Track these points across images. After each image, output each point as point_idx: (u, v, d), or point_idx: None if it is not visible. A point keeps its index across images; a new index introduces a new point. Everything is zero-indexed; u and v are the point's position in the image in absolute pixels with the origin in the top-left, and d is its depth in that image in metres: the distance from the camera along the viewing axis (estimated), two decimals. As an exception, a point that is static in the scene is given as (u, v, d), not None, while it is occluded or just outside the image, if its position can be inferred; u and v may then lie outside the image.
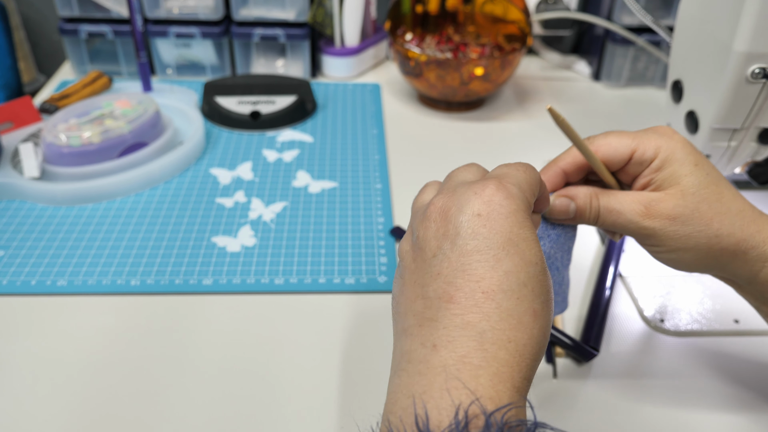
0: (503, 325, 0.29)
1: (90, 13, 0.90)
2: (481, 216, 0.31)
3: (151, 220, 0.64)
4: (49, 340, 0.51)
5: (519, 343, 0.29)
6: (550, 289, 0.31)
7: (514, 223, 0.31)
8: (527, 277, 0.30)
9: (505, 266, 0.30)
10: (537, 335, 0.30)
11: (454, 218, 0.31)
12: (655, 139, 0.38)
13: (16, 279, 0.56)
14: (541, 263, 0.31)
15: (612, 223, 0.39)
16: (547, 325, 0.30)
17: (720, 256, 0.38)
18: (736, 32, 0.47)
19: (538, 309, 0.30)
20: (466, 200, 0.31)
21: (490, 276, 0.30)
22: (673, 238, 0.37)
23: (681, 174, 0.37)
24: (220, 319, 0.53)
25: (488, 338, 0.28)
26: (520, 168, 0.34)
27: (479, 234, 0.30)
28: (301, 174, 0.72)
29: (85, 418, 0.45)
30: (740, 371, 0.49)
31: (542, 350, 0.30)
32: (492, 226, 0.30)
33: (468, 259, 0.30)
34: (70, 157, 0.67)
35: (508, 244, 0.30)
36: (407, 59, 0.83)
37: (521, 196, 0.32)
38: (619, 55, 0.92)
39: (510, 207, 0.31)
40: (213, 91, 0.83)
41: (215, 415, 0.45)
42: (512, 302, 0.29)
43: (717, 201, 0.37)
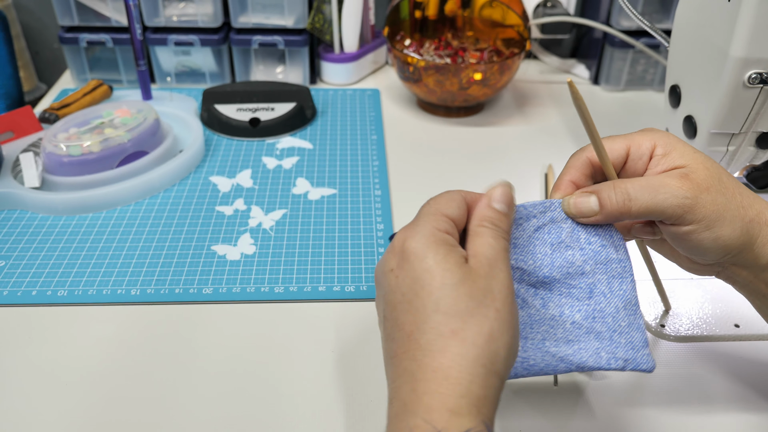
0: (427, 359, 0.31)
1: (90, 22, 0.90)
2: (393, 270, 0.35)
3: (151, 228, 0.64)
4: (50, 351, 0.51)
5: (443, 368, 0.31)
6: (472, 297, 0.32)
7: (416, 261, 0.33)
8: (436, 304, 0.32)
9: (416, 304, 0.33)
10: (461, 352, 0.31)
11: (380, 281, 0.36)
12: (646, 134, 0.40)
13: (17, 289, 0.56)
14: (450, 282, 0.32)
15: (648, 202, 0.37)
16: (477, 334, 0.32)
17: (751, 230, 0.38)
18: (733, 37, 0.47)
19: (456, 327, 0.32)
20: (384, 261, 0.36)
21: (408, 319, 0.33)
22: (711, 209, 0.37)
23: (690, 152, 0.38)
24: (220, 328, 0.53)
25: (417, 377, 0.31)
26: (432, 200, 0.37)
27: (396, 286, 0.34)
28: (300, 181, 0.72)
29: (86, 427, 0.45)
30: (741, 376, 0.49)
31: (485, 357, 0.31)
32: (401, 274, 0.34)
33: (395, 312, 0.34)
34: (70, 166, 0.67)
35: (415, 284, 0.33)
36: (406, 65, 0.83)
37: (422, 231, 0.34)
38: (618, 59, 0.92)
39: (411, 248, 0.34)
40: (212, 98, 0.83)
41: (216, 425, 0.45)
42: (428, 334, 0.32)
43: (730, 176, 0.38)
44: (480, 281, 0.33)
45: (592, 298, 0.38)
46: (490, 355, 0.32)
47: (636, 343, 0.38)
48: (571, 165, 0.41)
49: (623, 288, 0.39)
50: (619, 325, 0.38)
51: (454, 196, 0.37)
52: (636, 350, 0.38)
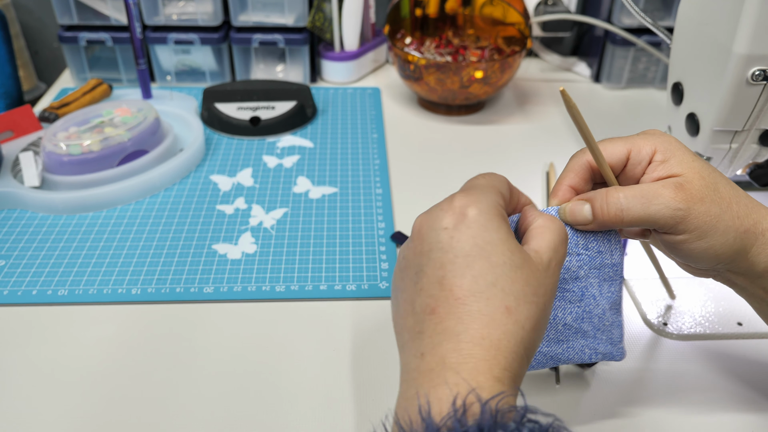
0: (476, 325, 0.32)
1: (89, 21, 0.90)
2: (448, 229, 0.34)
3: (152, 228, 0.64)
4: (50, 350, 0.51)
5: (492, 338, 0.31)
6: (528, 284, 0.33)
7: (479, 229, 0.33)
8: (495, 277, 0.32)
9: (473, 271, 0.32)
10: (512, 329, 0.32)
11: (426, 236, 0.34)
12: (647, 138, 0.39)
13: (17, 289, 0.56)
14: (511, 262, 0.33)
15: (640, 212, 0.37)
16: (527, 319, 0.32)
17: (745, 239, 0.38)
18: (736, 34, 0.47)
19: (511, 305, 0.32)
20: (435, 217, 0.35)
21: (460, 283, 0.32)
22: (704, 220, 0.37)
23: (688, 160, 0.38)
24: (221, 328, 0.53)
25: (463, 339, 0.31)
26: (484, 176, 0.37)
27: (448, 246, 0.33)
28: (301, 180, 0.72)
29: (86, 427, 0.44)
30: (744, 374, 0.49)
31: (527, 341, 0.32)
32: (459, 236, 0.33)
33: (442, 272, 0.33)
34: (70, 165, 0.67)
35: (474, 250, 0.33)
36: (407, 63, 0.83)
37: (486, 201, 0.34)
38: (619, 57, 0.92)
39: (474, 215, 0.34)
40: (212, 97, 0.83)
41: (217, 424, 0.45)
42: (482, 303, 0.32)
43: (728, 184, 0.38)
44: (537, 272, 0.34)
45: (582, 301, 0.40)
46: (531, 341, 0.33)
47: (615, 339, 0.41)
48: (570, 168, 0.41)
49: (612, 290, 0.40)
50: (603, 324, 0.40)
51: (503, 179, 0.38)
52: (614, 345, 0.41)
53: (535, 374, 0.49)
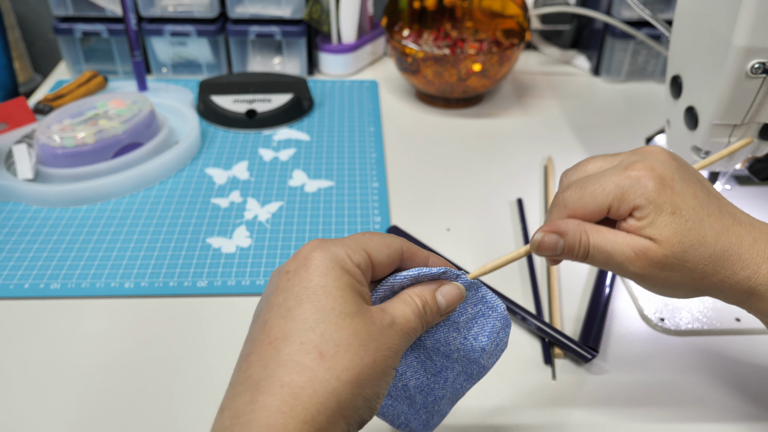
0: (280, 371, 0.29)
1: (85, 12, 0.89)
2: (289, 273, 0.32)
3: (146, 221, 0.63)
4: (42, 344, 0.50)
5: (294, 386, 0.28)
6: (356, 334, 0.30)
7: (316, 274, 0.31)
8: (316, 322, 0.30)
9: (295, 313, 0.30)
10: (322, 377, 0.28)
11: (272, 280, 0.33)
12: (629, 190, 0.36)
13: (9, 282, 0.56)
14: (342, 309, 0.30)
15: (601, 263, 0.37)
16: (344, 369, 0.29)
17: (708, 291, 0.38)
18: (736, 26, 0.46)
19: (327, 351, 0.29)
20: (286, 263, 0.33)
21: (278, 325, 0.30)
22: (661, 282, 0.37)
23: (661, 225, 0.36)
24: (214, 322, 0.52)
25: (262, 388, 0.28)
26: (367, 233, 0.35)
27: (282, 289, 0.31)
28: (297, 173, 0.71)
29: (78, 421, 0.44)
30: (742, 370, 0.49)
31: (342, 395, 0.29)
32: (294, 280, 0.31)
33: (269, 315, 0.31)
34: (64, 158, 0.66)
35: (304, 293, 0.31)
36: (404, 56, 0.82)
37: (335, 251, 0.32)
38: (619, 50, 0.91)
39: (317, 262, 0.31)
40: (208, 89, 0.82)
41: (210, 417, 0.45)
42: (294, 347, 0.29)
43: (700, 245, 0.36)
44: (371, 326, 0.31)
45: (435, 377, 0.37)
46: (348, 396, 0.29)
47: (430, 425, 0.38)
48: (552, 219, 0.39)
49: (464, 386, 0.38)
50: (433, 408, 0.38)
51: (392, 243, 0.34)
52: (426, 428, 0.38)
53: (530, 369, 0.49)
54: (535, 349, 0.50)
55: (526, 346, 0.51)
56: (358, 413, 0.30)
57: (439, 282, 0.35)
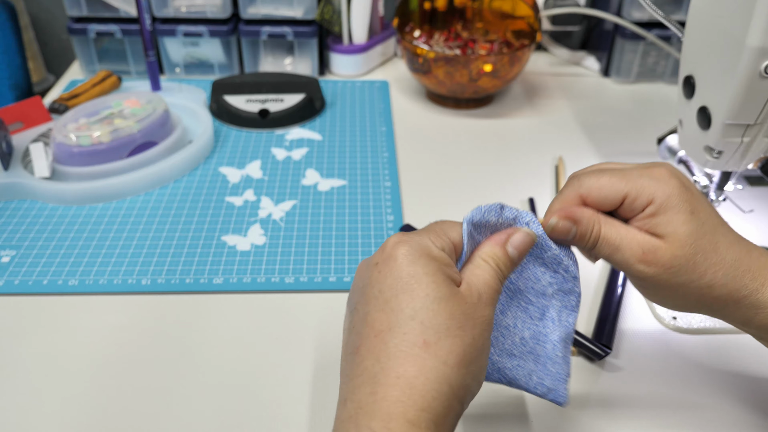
0: (392, 363, 0.30)
1: (98, 13, 0.90)
2: (378, 264, 0.33)
3: (161, 219, 0.64)
4: (60, 340, 0.51)
5: (408, 376, 0.30)
6: (453, 317, 0.31)
7: (405, 264, 0.32)
8: (414, 311, 0.31)
9: (393, 305, 0.32)
10: (431, 365, 0.30)
11: (361, 273, 0.35)
12: (649, 184, 0.36)
13: (28, 279, 0.56)
14: (435, 294, 0.31)
15: (607, 255, 0.37)
16: (449, 353, 0.31)
17: (711, 305, 0.37)
18: (749, 27, 0.46)
19: (430, 339, 0.31)
20: (372, 256, 0.35)
21: (380, 318, 0.32)
22: (664, 287, 0.36)
23: (677, 222, 0.36)
24: (230, 318, 0.53)
25: (379, 380, 0.30)
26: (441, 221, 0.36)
27: (376, 281, 0.33)
28: (310, 172, 0.72)
29: (96, 416, 0.45)
30: (754, 368, 0.49)
31: (451, 378, 0.30)
32: (385, 271, 0.33)
33: (368, 307, 0.33)
34: (80, 156, 0.67)
35: (397, 283, 0.32)
36: (415, 56, 0.82)
37: (418, 240, 0.33)
38: (629, 51, 0.91)
39: (403, 252, 0.33)
40: (221, 89, 0.83)
41: (227, 412, 0.45)
42: (398, 338, 0.31)
43: (712, 251, 0.36)
44: (464, 305, 0.32)
45: (542, 321, 0.38)
46: (458, 379, 0.31)
47: (562, 376, 0.38)
48: (564, 198, 0.39)
49: (569, 321, 0.38)
50: (556, 355, 0.38)
51: (458, 226, 0.36)
52: (560, 382, 0.38)
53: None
54: (548, 346, 0.51)
55: (540, 344, 0.51)
56: (469, 390, 0.32)
57: (507, 232, 0.36)
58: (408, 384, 0.30)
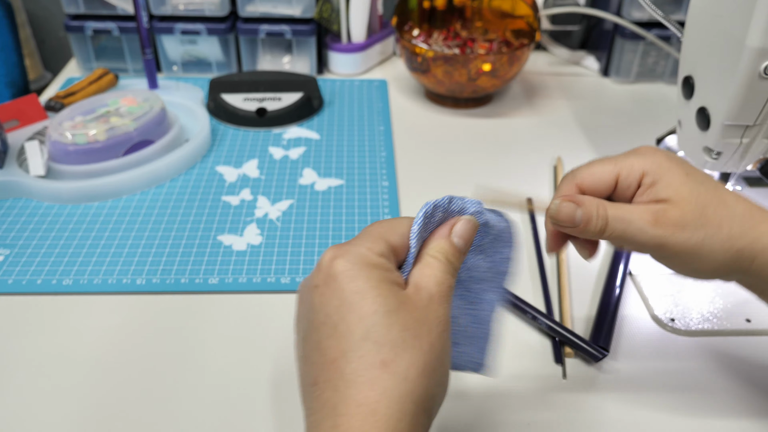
0: (351, 391, 0.29)
1: (96, 10, 0.89)
2: (318, 287, 0.31)
3: (157, 218, 0.64)
4: (54, 340, 0.50)
5: (369, 403, 0.28)
6: (406, 328, 0.30)
7: (346, 281, 0.30)
8: (366, 331, 0.29)
9: (342, 328, 0.30)
10: (392, 385, 0.29)
11: (303, 297, 0.33)
12: (637, 159, 0.38)
13: (22, 278, 0.56)
14: (384, 308, 0.30)
15: (621, 233, 0.37)
16: (409, 367, 0.29)
17: (739, 259, 0.37)
18: (749, 27, 0.46)
19: (386, 357, 0.29)
20: (310, 277, 0.32)
21: (332, 345, 0.30)
22: (687, 247, 0.36)
23: (676, 183, 0.37)
24: (225, 319, 0.53)
25: (340, 411, 0.28)
26: (375, 223, 0.34)
27: (320, 306, 0.31)
28: (307, 171, 0.72)
29: (91, 417, 0.44)
30: (752, 370, 0.49)
31: (415, 392, 0.29)
32: (328, 294, 0.31)
33: (318, 335, 0.31)
34: (76, 155, 0.67)
35: (343, 305, 0.30)
36: (414, 55, 0.82)
37: (355, 252, 0.31)
38: (629, 51, 0.91)
39: (340, 268, 0.31)
40: (219, 88, 0.83)
41: (221, 413, 0.45)
42: (354, 363, 0.29)
43: (721, 205, 0.36)
44: (416, 312, 0.31)
45: (479, 304, 0.38)
46: (421, 391, 0.29)
47: (492, 350, 0.39)
48: (561, 191, 0.40)
49: (501, 298, 0.38)
50: (486, 332, 0.38)
51: (403, 222, 0.34)
52: (488, 355, 0.38)
53: (541, 368, 0.49)
54: (545, 348, 0.50)
55: (537, 345, 0.51)
56: (435, 399, 0.31)
57: (449, 224, 0.35)
58: (370, 411, 0.28)
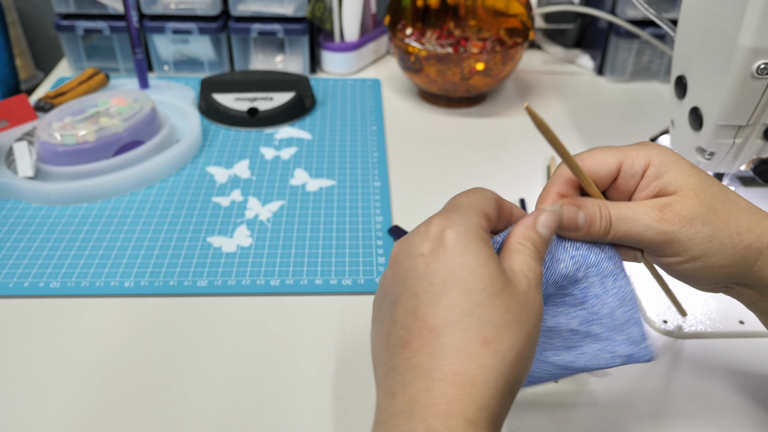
0: (449, 360, 0.29)
1: (87, 10, 0.89)
2: (424, 255, 0.31)
3: (146, 220, 0.63)
4: (41, 343, 0.50)
5: (467, 374, 0.29)
6: (509, 311, 0.30)
7: (456, 254, 0.31)
8: (471, 306, 0.30)
9: (448, 299, 0.30)
10: (491, 362, 0.29)
11: (402, 263, 0.32)
12: (641, 149, 0.37)
13: (9, 281, 0.55)
14: (490, 288, 0.30)
15: (626, 232, 0.36)
16: (507, 349, 0.30)
17: (746, 255, 0.36)
18: (741, 27, 0.46)
19: (489, 335, 0.30)
20: (412, 242, 0.32)
21: (433, 313, 0.30)
22: (695, 242, 0.35)
23: (684, 175, 0.36)
24: (214, 322, 0.52)
25: (436, 376, 0.29)
26: (468, 193, 0.35)
27: (424, 273, 0.31)
28: (299, 172, 0.71)
29: (77, 420, 0.44)
30: (745, 373, 0.48)
31: (508, 374, 0.30)
32: (435, 262, 0.31)
33: (416, 300, 0.31)
34: (65, 156, 0.66)
35: (450, 276, 0.30)
36: (407, 54, 0.82)
37: (465, 224, 0.32)
38: (623, 49, 0.90)
39: (451, 239, 0.31)
40: (210, 87, 0.82)
41: (209, 416, 0.44)
42: (456, 334, 0.30)
43: (727, 199, 0.36)
44: (517, 297, 0.31)
45: (586, 303, 0.37)
46: (514, 373, 0.30)
47: (635, 338, 0.37)
48: (559, 175, 0.39)
49: (617, 285, 0.38)
50: (616, 323, 0.38)
51: (490, 195, 0.35)
52: (636, 344, 0.38)
53: (532, 372, 0.48)
54: (536, 351, 0.50)
55: (528, 348, 0.50)
56: (521, 383, 0.32)
57: (533, 215, 0.35)
58: (467, 382, 0.29)
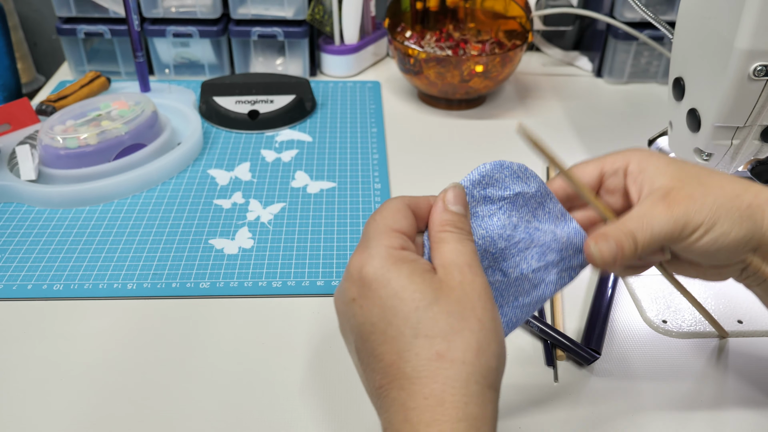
0: (416, 387, 0.30)
1: (88, 13, 0.89)
2: (356, 300, 0.32)
3: (148, 222, 0.63)
4: (45, 345, 0.50)
5: (435, 394, 0.30)
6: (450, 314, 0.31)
7: (380, 287, 0.32)
8: (414, 328, 0.31)
9: (391, 332, 0.31)
10: (452, 374, 0.30)
11: (343, 312, 0.34)
12: (617, 152, 0.40)
13: (12, 283, 0.56)
14: (424, 302, 0.31)
15: (650, 236, 0.36)
16: (465, 351, 0.30)
17: (752, 214, 0.37)
18: (738, 29, 0.46)
19: (441, 348, 0.30)
20: (342, 290, 0.34)
21: (387, 350, 0.31)
22: (704, 213, 0.36)
23: (663, 165, 0.38)
24: (216, 323, 0.53)
25: (409, 405, 0.30)
26: (374, 216, 0.35)
27: (362, 317, 0.32)
28: (299, 174, 0.71)
29: (80, 422, 0.44)
30: (745, 372, 0.49)
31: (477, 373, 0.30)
32: (367, 304, 0.32)
33: (369, 344, 0.32)
34: (67, 159, 0.67)
35: (384, 311, 0.31)
36: (407, 57, 0.82)
37: (377, 253, 0.32)
38: (621, 51, 0.91)
39: (370, 274, 0.32)
40: (211, 90, 0.83)
41: (211, 418, 0.45)
42: (413, 361, 0.30)
43: (710, 173, 0.38)
44: (454, 293, 0.31)
45: (533, 239, 0.39)
46: (482, 369, 0.30)
47: (578, 245, 0.39)
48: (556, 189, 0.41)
49: (546, 209, 0.39)
50: (562, 242, 0.39)
51: (398, 205, 0.35)
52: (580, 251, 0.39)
53: (533, 371, 0.48)
54: (537, 350, 0.50)
55: (528, 348, 0.51)
56: (497, 371, 0.32)
57: (439, 199, 0.36)
58: (437, 402, 0.29)
